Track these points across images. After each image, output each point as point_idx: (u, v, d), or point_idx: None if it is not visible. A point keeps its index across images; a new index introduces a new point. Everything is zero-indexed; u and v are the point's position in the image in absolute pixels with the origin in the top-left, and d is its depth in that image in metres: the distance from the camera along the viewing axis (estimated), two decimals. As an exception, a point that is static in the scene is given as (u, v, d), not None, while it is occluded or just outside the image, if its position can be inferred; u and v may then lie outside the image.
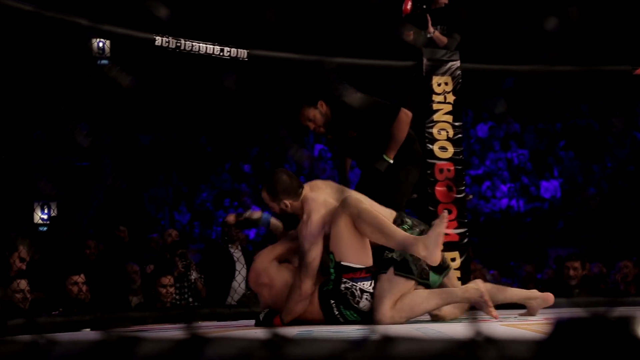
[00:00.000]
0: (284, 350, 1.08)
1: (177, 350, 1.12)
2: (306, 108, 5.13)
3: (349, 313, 4.37)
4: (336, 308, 4.37)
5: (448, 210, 6.08)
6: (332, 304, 4.38)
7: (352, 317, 4.37)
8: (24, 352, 1.21)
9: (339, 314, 4.37)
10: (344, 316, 4.37)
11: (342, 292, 4.36)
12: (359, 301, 4.35)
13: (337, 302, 4.38)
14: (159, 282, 6.52)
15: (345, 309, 4.37)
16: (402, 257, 4.32)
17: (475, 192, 13.39)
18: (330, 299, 4.38)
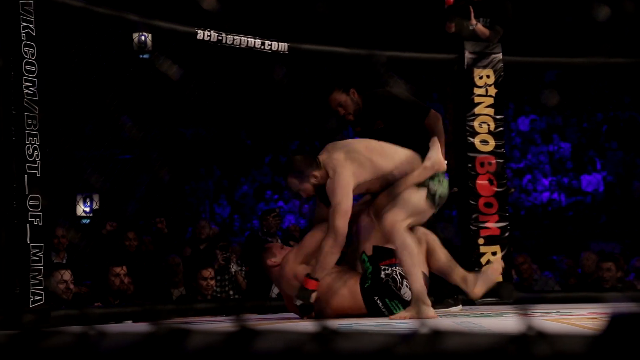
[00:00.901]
0: (333, 344, 1.08)
1: (227, 343, 1.12)
2: (338, 92, 5.13)
3: (394, 304, 4.39)
4: (381, 302, 4.39)
5: (489, 204, 6.04)
6: (377, 299, 4.39)
7: (397, 308, 4.38)
8: (74, 344, 1.22)
9: (384, 307, 4.38)
10: (389, 309, 4.37)
11: (383, 282, 4.38)
12: (400, 287, 4.38)
13: (381, 296, 4.39)
14: (200, 275, 6.56)
15: (390, 300, 4.39)
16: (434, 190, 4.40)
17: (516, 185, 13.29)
18: (374, 295, 4.39)
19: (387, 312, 4.38)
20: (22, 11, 4.42)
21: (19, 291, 4.26)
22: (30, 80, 4.43)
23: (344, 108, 5.13)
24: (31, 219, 4.35)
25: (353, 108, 5.13)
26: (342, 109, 5.13)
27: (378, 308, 4.39)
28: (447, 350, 1.07)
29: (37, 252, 4.35)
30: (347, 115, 5.13)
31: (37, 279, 4.32)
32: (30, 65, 4.44)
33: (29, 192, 4.35)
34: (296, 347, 1.09)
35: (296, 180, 4.45)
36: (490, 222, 6.03)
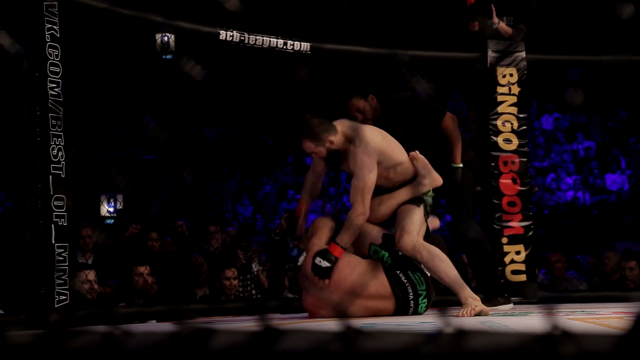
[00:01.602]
0: (358, 343, 1.08)
1: (252, 343, 1.12)
2: (357, 99, 5.17)
3: (416, 277, 4.46)
4: (404, 275, 4.46)
5: (513, 203, 6.02)
6: (399, 273, 4.45)
7: (420, 282, 4.46)
8: (99, 343, 1.23)
9: (407, 281, 4.41)
10: (413, 283, 4.42)
11: (403, 257, 4.48)
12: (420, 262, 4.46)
13: (403, 269, 4.47)
14: (222, 275, 6.58)
15: (413, 273, 4.47)
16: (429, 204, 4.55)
17: (540, 184, 13.22)
18: (396, 270, 4.47)
19: (410, 287, 4.44)
20: (47, 13, 4.45)
21: (44, 291, 4.29)
22: (55, 81, 4.45)
23: (363, 114, 5.16)
24: (56, 219, 4.37)
25: (372, 114, 5.16)
26: (360, 115, 5.17)
27: (402, 283, 4.44)
28: (473, 350, 1.07)
29: (62, 252, 4.38)
30: (365, 121, 5.15)
31: (62, 279, 4.35)
32: (55, 67, 4.47)
33: (54, 193, 4.37)
34: (321, 347, 1.09)
35: (312, 143, 4.47)
36: (514, 221, 6.00)
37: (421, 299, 4.47)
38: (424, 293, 4.47)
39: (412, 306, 4.46)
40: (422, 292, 4.47)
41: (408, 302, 4.44)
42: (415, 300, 4.46)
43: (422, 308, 4.49)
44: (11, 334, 1.33)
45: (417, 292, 4.45)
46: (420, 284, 4.45)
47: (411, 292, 4.44)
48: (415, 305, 4.47)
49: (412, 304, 4.46)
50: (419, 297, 4.46)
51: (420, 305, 4.48)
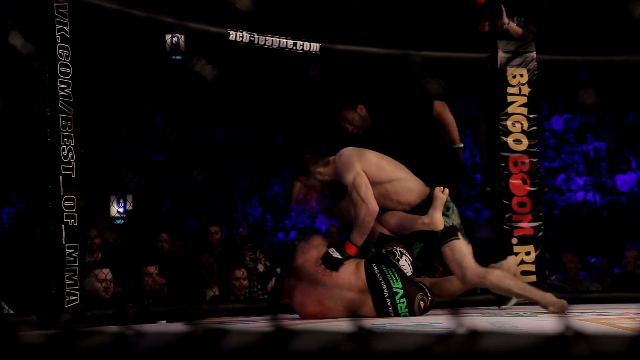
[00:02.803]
0: (370, 344, 1.08)
1: (264, 343, 1.13)
2: (345, 110, 5.18)
3: (390, 272, 4.49)
4: (377, 268, 4.50)
5: (522, 204, 6.00)
6: (374, 266, 4.51)
7: (394, 279, 4.46)
8: (111, 343, 1.23)
9: (380, 274, 4.48)
10: (386, 278, 4.45)
11: (383, 254, 4.55)
12: (399, 259, 4.51)
13: (378, 263, 4.52)
14: (232, 275, 6.58)
15: (387, 268, 4.50)
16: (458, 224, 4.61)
17: (550, 185, 13.19)
18: (372, 263, 4.54)
19: (384, 285, 4.45)
20: (57, 14, 4.46)
21: (54, 291, 4.30)
22: (65, 82, 4.47)
23: (352, 124, 5.16)
24: (66, 219, 4.38)
25: (361, 123, 5.15)
26: (349, 125, 5.17)
27: (375, 276, 4.48)
28: (485, 350, 1.06)
29: (72, 253, 4.39)
30: (355, 130, 5.16)
31: (72, 279, 4.36)
32: (65, 67, 4.48)
33: (64, 193, 4.38)
34: (333, 347, 1.09)
35: (303, 177, 4.74)
36: (523, 222, 5.99)
37: (398, 297, 4.46)
38: (400, 292, 4.47)
39: (389, 305, 4.46)
40: (398, 291, 4.46)
41: (383, 298, 4.45)
42: (392, 299, 4.46)
43: (402, 309, 4.47)
44: (23, 334, 1.33)
45: (392, 289, 4.45)
46: (394, 280, 4.47)
47: (385, 289, 4.46)
48: (393, 304, 4.46)
49: (389, 302, 4.46)
50: (395, 296, 4.46)
51: (398, 304, 4.46)
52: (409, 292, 4.47)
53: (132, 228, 7.56)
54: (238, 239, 7.91)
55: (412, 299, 4.48)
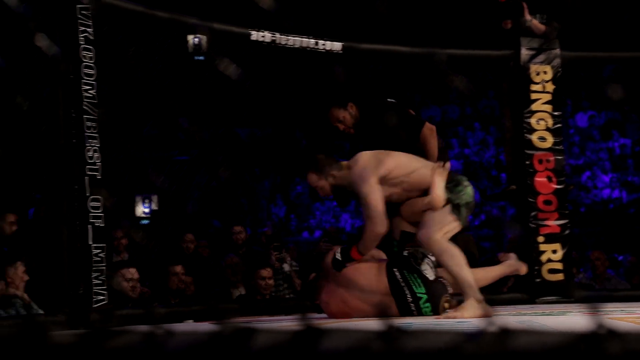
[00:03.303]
0: (400, 342, 1.07)
1: (293, 342, 1.12)
2: (336, 109, 5.10)
3: (412, 278, 4.47)
4: (399, 273, 4.48)
5: (548, 202, 5.97)
6: (395, 271, 4.49)
7: (416, 284, 4.45)
8: (141, 343, 1.23)
9: (402, 280, 4.46)
10: (408, 283, 4.44)
11: (405, 257, 4.52)
12: (420, 263, 4.49)
13: (400, 267, 4.50)
14: (258, 275, 6.59)
15: (409, 273, 4.47)
16: (458, 202, 4.44)
17: (575, 182, 13.10)
18: (393, 267, 4.50)
19: (405, 286, 4.45)
20: (80, 15, 4.48)
21: (82, 291, 4.33)
22: (89, 83, 4.49)
23: (343, 123, 5.10)
24: (92, 220, 4.41)
25: (352, 122, 5.10)
26: (341, 125, 5.10)
27: (397, 282, 4.46)
28: (516, 349, 1.06)
29: (99, 253, 4.42)
30: (347, 129, 5.11)
31: (99, 279, 4.38)
32: (89, 69, 4.50)
33: (90, 194, 4.41)
34: (363, 346, 1.09)
35: (315, 176, 4.62)
36: (550, 220, 5.96)
37: (422, 302, 4.44)
38: (424, 297, 4.44)
39: (414, 309, 4.44)
40: (422, 296, 4.44)
41: (407, 303, 4.43)
42: (416, 304, 4.44)
43: (427, 312, 4.45)
44: (54, 333, 1.34)
45: (416, 294, 4.43)
46: (417, 286, 4.44)
47: (408, 293, 4.44)
48: (417, 308, 4.44)
49: (413, 307, 4.44)
50: (419, 301, 4.44)
51: (423, 309, 4.44)
52: (433, 296, 4.45)
53: (158, 228, 7.59)
54: (263, 239, 7.92)
55: (437, 303, 4.46)
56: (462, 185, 4.51)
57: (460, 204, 4.45)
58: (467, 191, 4.51)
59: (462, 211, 4.45)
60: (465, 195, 4.49)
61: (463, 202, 4.46)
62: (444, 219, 4.39)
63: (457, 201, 4.44)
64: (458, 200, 4.45)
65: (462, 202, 4.46)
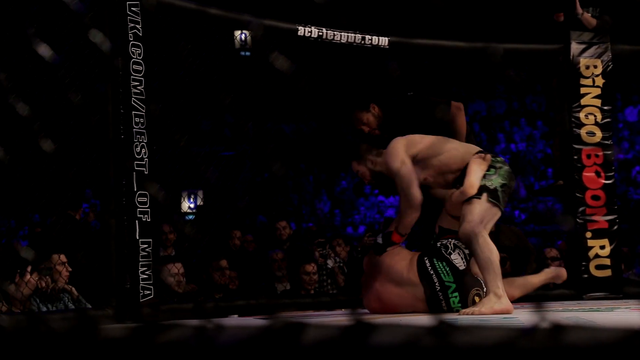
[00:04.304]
0: (451, 338, 1.06)
1: (343, 337, 1.12)
2: (359, 112, 5.09)
3: (441, 266, 4.45)
4: (429, 262, 4.48)
5: (596, 197, 5.90)
6: (425, 259, 4.49)
7: (445, 272, 4.44)
8: (192, 337, 1.24)
9: (431, 267, 4.45)
10: (437, 271, 4.44)
11: (437, 248, 4.53)
12: (451, 252, 4.48)
13: (430, 256, 4.50)
14: (302, 270, 6.61)
15: (438, 261, 4.47)
16: (494, 186, 4.37)
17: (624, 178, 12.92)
18: (424, 257, 4.51)
19: (434, 274, 4.44)
20: (129, 12, 4.52)
21: (129, 286, 4.37)
22: (138, 79, 4.53)
23: (368, 125, 5.08)
24: (140, 215, 4.45)
25: (376, 123, 5.08)
26: (366, 127, 5.08)
27: (426, 269, 4.46)
28: (570, 344, 1.04)
29: (146, 248, 4.45)
30: (372, 131, 5.08)
31: (146, 273, 4.42)
32: (138, 65, 4.54)
33: (137, 189, 4.45)
34: (413, 341, 1.08)
35: (355, 162, 4.76)
36: (597, 215, 5.88)
37: (450, 291, 4.42)
38: (452, 286, 4.42)
39: (441, 298, 4.42)
40: (450, 285, 4.42)
41: (435, 292, 4.41)
42: (444, 293, 4.42)
43: (455, 303, 4.42)
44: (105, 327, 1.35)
45: (444, 283, 4.42)
46: (445, 274, 4.44)
47: (437, 282, 4.43)
48: (445, 297, 4.42)
49: (441, 296, 4.42)
50: (448, 290, 4.42)
51: (451, 298, 4.42)
52: (462, 286, 4.43)
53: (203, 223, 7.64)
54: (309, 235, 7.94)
55: (466, 294, 4.43)
56: (495, 168, 4.45)
57: (496, 188, 4.38)
58: (501, 172, 4.43)
59: (499, 195, 4.38)
60: (499, 177, 4.42)
61: (499, 185, 4.39)
62: (483, 210, 4.34)
63: (493, 185, 4.38)
64: (493, 184, 4.39)
65: (497, 185, 4.39)
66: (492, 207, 4.35)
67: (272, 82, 7.66)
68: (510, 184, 4.46)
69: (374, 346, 1.11)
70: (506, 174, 4.45)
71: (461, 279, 4.44)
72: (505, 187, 4.41)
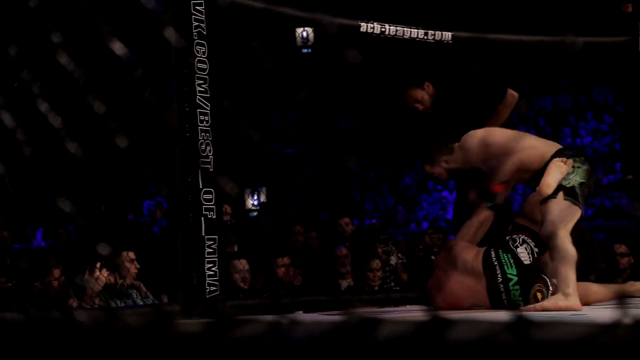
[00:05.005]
0: (530, 334, 1.05)
1: (419, 333, 1.11)
2: (413, 89, 5.05)
3: (506, 258, 4.40)
4: (495, 254, 4.42)
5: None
6: (491, 251, 4.44)
7: (509, 264, 4.38)
8: (267, 332, 1.24)
9: (495, 259, 4.41)
10: (501, 263, 4.39)
11: (505, 241, 4.47)
12: (517, 246, 4.41)
13: (496, 247, 4.45)
14: (367, 266, 6.60)
15: (504, 253, 4.41)
16: (571, 185, 4.30)
17: None
18: (491, 248, 4.46)
19: (497, 265, 4.39)
20: (194, 11, 4.56)
21: (196, 282, 4.41)
22: (202, 77, 4.57)
23: (422, 104, 5.03)
24: (205, 212, 4.49)
25: (430, 102, 5.03)
26: (420, 105, 5.04)
27: (490, 260, 4.41)
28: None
29: (211, 244, 4.49)
30: (426, 109, 5.03)
31: (212, 270, 4.46)
32: (202, 63, 4.58)
33: (203, 187, 4.49)
34: (490, 337, 1.07)
35: (428, 165, 4.74)
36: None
37: (512, 284, 4.36)
38: (514, 278, 4.36)
39: (502, 291, 4.37)
40: (512, 277, 4.37)
41: (497, 284, 4.37)
42: (505, 285, 4.37)
43: (516, 297, 4.36)
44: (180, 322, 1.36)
45: (506, 274, 4.37)
46: (508, 266, 4.38)
47: (499, 274, 4.38)
48: (506, 290, 4.37)
49: (501, 288, 4.37)
50: (509, 282, 4.37)
51: (512, 291, 4.36)
52: (524, 281, 4.37)
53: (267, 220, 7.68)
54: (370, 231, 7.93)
55: (528, 289, 4.37)
56: (574, 168, 4.38)
57: (574, 187, 4.31)
58: (579, 172, 4.37)
59: (578, 193, 4.31)
60: (577, 176, 4.35)
61: (577, 184, 4.33)
62: (561, 209, 4.28)
63: (570, 184, 4.32)
64: (571, 182, 4.32)
65: (575, 184, 4.32)
66: (572, 206, 4.29)
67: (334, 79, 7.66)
68: (589, 183, 4.39)
69: (450, 342, 1.10)
70: (585, 172, 4.38)
71: (525, 273, 4.39)
72: (584, 186, 4.34)
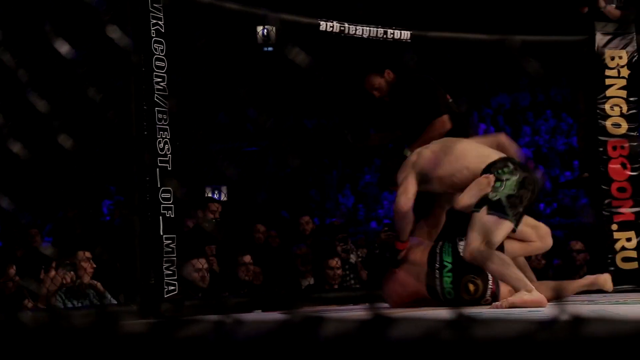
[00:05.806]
0: (470, 331, 1.06)
1: (361, 331, 1.12)
2: (373, 76, 5.07)
3: (447, 247, 4.50)
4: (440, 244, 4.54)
5: (622, 189, 5.85)
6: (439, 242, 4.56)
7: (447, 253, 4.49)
8: (211, 331, 1.24)
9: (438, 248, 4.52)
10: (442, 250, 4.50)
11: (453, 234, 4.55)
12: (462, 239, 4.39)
13: (443, 239, 4.56)
14: (326, 265, 6.61)
15: (446, 242, 4.52)
16: (497, 197, 4.20)
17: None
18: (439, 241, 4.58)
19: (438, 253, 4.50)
20: (152, 9, 4.54)
21: (154, 282, 4.39)
22: (160, 75, 4.54)
23: (379, 91, 5.07)
24: (163, 211, 4.46)
25: (387, 90, 5.06)
26: (377, 92, 5.07)
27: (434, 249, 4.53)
28: (589, 337, 1.03)
29: (170, 244, 4.47)
30: (383, 97, 5.07)
31: (170, 269, 4.44)
32: (160, 61, 4.55)
33: (161, 185, 4.46)
34: (432, 334, 1.08)
35: None
36: (624, 207, 5.84)
37: (445, 270, 4.45)
38: (448, 266, 4.44)
39: (437, 276, 4.45)
40: (447, 265, 4.44)
41: (434, 270, 4.46)
42: (440, 272, 4.46)
43: (447, 283, 4.43)
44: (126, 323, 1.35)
45: (443, 261, 4.46)
46: (447, 254, 4.48)
47: (438, 260, 4.49)
48: (440, 276, 4.46)
49: (437, 274, 4.46)
50: (444, 269, 4.45)
51: (444, 277, 4.44)
52: (457, 269, 4.43)
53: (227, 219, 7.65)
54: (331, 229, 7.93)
55: (459, 278, 4.42)
56: (501, 181, 4.25)
57: (500, 199, 4.19)
58: (508, 184, 4.23)
59: (505, 205, 4.19)
60: (505, 188, 4.23)
61: (503, 196, 4.20)
62: (483, 224, 4.20)
63: (497, 197, 4.20)
64: (497, 195, 4.21)
65: (502, 196, 4.20)
66: (498, 220, 4.19)
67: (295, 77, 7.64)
68: (519, 193, 4.24)
69: (393, 340, 1.10)
70: (514, 183, 4.23)
71: (459, 261, 4.42)
72: (513, 197, 4.21)
